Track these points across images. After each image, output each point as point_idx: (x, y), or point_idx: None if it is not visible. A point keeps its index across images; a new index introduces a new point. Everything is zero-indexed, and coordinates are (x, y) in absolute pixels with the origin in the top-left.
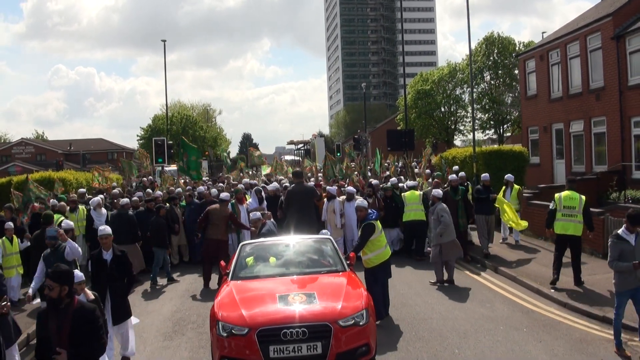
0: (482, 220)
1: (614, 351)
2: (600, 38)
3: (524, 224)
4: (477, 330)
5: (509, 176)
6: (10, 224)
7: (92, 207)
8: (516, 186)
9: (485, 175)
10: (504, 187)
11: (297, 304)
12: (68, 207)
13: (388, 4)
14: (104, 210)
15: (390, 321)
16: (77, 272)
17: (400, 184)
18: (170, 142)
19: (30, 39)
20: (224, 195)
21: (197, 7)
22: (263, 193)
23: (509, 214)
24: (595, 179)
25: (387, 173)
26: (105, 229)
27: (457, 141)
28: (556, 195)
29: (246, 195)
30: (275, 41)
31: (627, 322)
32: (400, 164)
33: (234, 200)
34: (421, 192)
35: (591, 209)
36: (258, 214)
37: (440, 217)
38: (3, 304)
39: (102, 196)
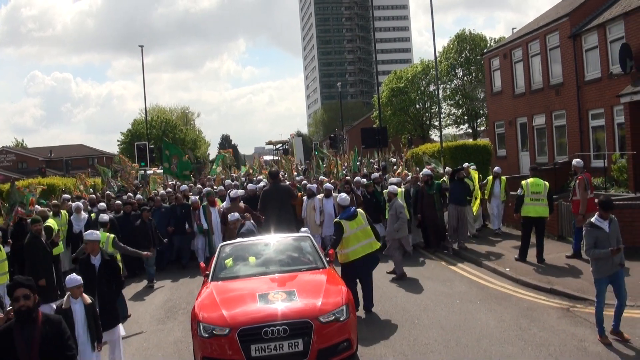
0: (453, 211)
1: (597, 339)
2: (558, 37)
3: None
4: (436, 304)
5: (497, 169)
6: None
7: (73, 211)
8: (503, 178)
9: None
10: (490, 178)
11: (277, 302)
12: (51, 212)
13: (362, 3)
14: (83, 215)
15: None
16: (75, 276)
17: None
18: (152, 146)
19: (6, 46)
20: (233, 193)
21: (172, 9)
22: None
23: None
24: (553, 168)
25: (364, 171)
26: (92, 233)
27: (434, 136)
28: (523, 182)
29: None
30: (251, 41)
31: (573, 293)
32: (375, 160)
33: (205, 202)
34: (402, 190)
35: None
36: (236, 214)
37: (399, 214)
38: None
39: (84, 200)
